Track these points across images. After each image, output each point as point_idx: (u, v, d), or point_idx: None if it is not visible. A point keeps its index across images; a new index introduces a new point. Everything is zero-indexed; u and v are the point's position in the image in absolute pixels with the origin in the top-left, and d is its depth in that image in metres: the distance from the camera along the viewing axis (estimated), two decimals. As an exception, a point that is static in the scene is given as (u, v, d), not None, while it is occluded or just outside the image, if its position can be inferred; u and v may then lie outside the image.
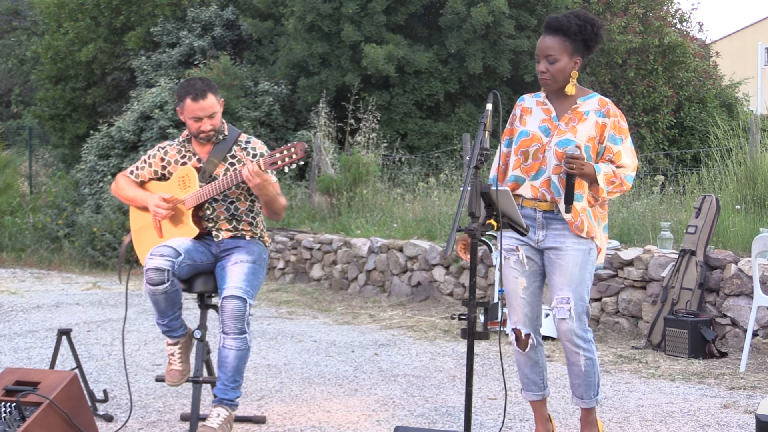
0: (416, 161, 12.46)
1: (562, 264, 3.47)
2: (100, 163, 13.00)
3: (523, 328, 3.55)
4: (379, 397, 4.72)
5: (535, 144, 3.49)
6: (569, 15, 3.46)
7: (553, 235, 3.50)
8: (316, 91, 13.03)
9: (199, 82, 3.97)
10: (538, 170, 3.49)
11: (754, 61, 31.12)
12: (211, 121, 3.97)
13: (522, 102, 3.65)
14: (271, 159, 3.81)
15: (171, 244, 3.85)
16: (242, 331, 3.79)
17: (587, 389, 3.54)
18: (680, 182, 9.36)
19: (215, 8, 14.88)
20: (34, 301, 8.62)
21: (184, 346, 4.04)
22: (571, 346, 3.48)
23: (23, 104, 20.67)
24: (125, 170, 4.26)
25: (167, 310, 3.91)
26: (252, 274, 3.90)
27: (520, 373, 3.67)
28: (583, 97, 3.54)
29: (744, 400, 4.64)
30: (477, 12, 12.52)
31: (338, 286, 9.40)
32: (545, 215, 3.50)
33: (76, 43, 15.79)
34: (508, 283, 3.58)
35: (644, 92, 14.34)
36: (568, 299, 3.45)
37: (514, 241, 3.54)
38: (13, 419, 3.45)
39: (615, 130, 3.50)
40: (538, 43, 3.50)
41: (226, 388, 3.84)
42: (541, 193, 3.49)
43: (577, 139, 3.44)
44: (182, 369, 4.01)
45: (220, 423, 3.77)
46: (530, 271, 3.55)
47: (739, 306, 5.87)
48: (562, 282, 3.47)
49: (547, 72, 3.46)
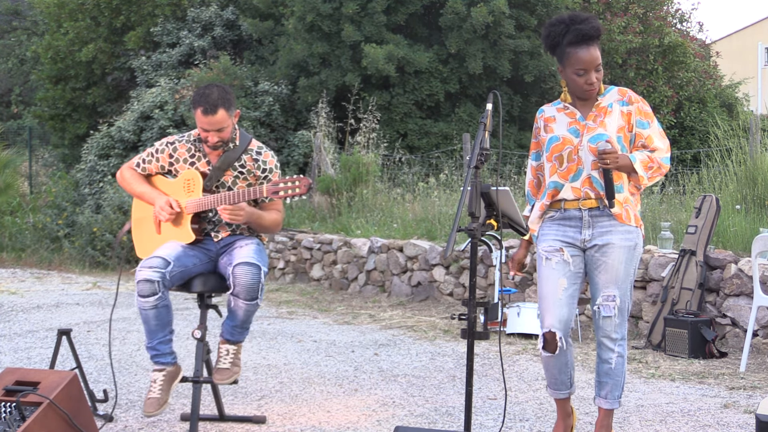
0: (416, 161, 12.46)
1: (608, 262, 3.47)
2: (100, 163, 13.01)
3: (558, 331, 3.49)
4: (379, 397, 4.72)
5: (568, 146, 3.49)
6: (592, 20, 3.46)
7: (599, 233, 3.50)
8: (316, 91, 13.03)
9: (214, 94, 3.87)
10: (576, 171, 3.50)
11: (754, 61, 31.11)
12: (219, 134, 3.92)
13: (542, 113, 3.64)
14: (275, 188, 3.80)
15: (161, 254, 3.81)
16: (253, 297, 3.79)
17: (613, 388, 3.54)
18: (680, 182, 9.36)
19: (215, 8, 14.88)
20: (34, 301, 8.62)
21: (169, 375, 3.88)
22: (608, 342, 3.51)
23: (23, 104, 20.68)
24: (131, 162, 4.20)
25: (157, 331, 3.82)
26: (258, 252, 3.90)
27: (547, 374, 3.62)
28: (602, 93, 3.56)
29: (744, 400, 4.64)
30: (477, 12, 12.52)
31: (338, 286, 9.40)
32: (591, 213, 3.50)
33: (76, 43, 15.80)
34: (547, 284, 3.51)
35: (644, 92, 14.33)
36: (614, 297, 3.47)
37: (558, 242, 3.52)
38: (13, 419, 3.45)
39: (641, 115, 3.53)
40: (581, 55, 3.41)
41: (234, 331, 3.91)
42: (584, 192, 3.49)
43: (608, 132, 3.46)
44: (160, 398, 3.82)
45: (231, 360, 3.84)
46: (573, 272, 3.52)
47: (739, 306, 5.87)
48: (607, 279, 3.48)
49: (597, 81, 3.46)
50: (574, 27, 3.42)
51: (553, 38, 3.47)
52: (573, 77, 3.46)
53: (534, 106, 14.15)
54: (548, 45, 3.52)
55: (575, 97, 3.54)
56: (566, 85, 3.53)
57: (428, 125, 13.46)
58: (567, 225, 3.53)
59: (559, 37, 3.45)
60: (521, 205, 8.86)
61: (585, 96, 3.50)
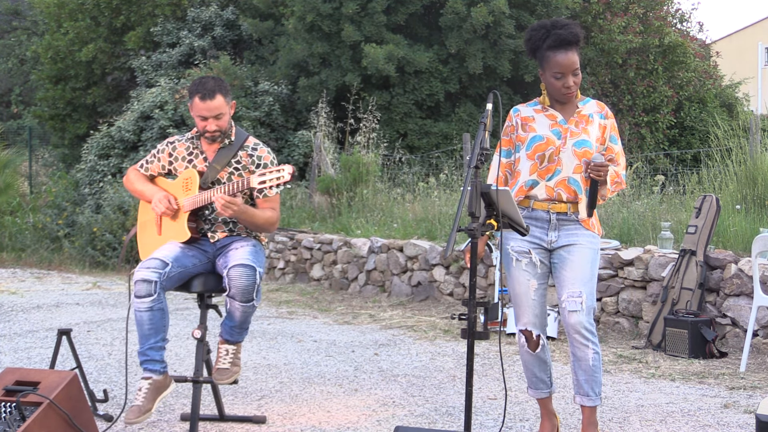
0: (416, 161, 12.46)
1: (574, 260, 3.57)
2: (100, 163, 13.01)
3: (534, 329, 3.63)
4: (379, 397, 4.72)
5: (551, 147, 3.59)
6: (572, 26, 3.55)
7: (565, 235, 3.61)
8: (316, 91, 13.03)
9: (210, 82, 3.95)
10: (554, 172, 3.60)
11: (754, 61, 31.11)
12: (217, 122, 3.96)
13: (518, 113, 3.70)
14: (261, 178, 3.79)
15: (158, 256, 3.83)
16: (249, 299, 3.80)
17: (593, 385, 3.57)
18: (680, 182, 9.36)
19: (215, 8, 14.88)
20: (34, 301, 8.62)
21: (155, 384, 3.80)
22: (580, 338, 3.53)
23: (23, 104, 20.67)
24: (136, 164, 4.27)
25: (150, 335, 3.78)
26: (255, 254, 3.90)
27: (527, 373, 3.72)
28: (582, 101, 3.69)
29: (744, 400, 4.64)
30: (477, 12, 12.52)
31: (338, 286, 9.40)
32: (558, 216, 3.61)
33: (76, 43, 15.80)
34: (518, 285, 3.63)
35: (644, 92, 14.33)
36: (580, 293, 3.52)
37: (526, 243, 3.62)
38: (13, 419, 3.45)
39: (614, 131, 3.71)
40: (559, 59, 3.51)
41: (233, 331, 3.93)
42: (557, 193, 3.60)
43: (591, 140, 3.59)
44: (142, 406, 3.73)
45: (231, 360, 3.86)
46: (541, 273, 3.64)
47: (739, 306, 5.87)
48: (573, 277, 3.55)
49: (574, 85, 3.57)
50: (554, 32, 3.52)
51: (533, 42, 3.59)
52: (551, 80, 3.57)
53: (534, 106, 14.14)
54: (529, 48, 3.63)
55: (554, 100, 3.65)
56: (545, 87, 3.64)
57: (428, 125, 13.46)
58: (534, 225, 3.62)
59: (539, 41, 3.56)
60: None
61: (563, 99, 3.61)
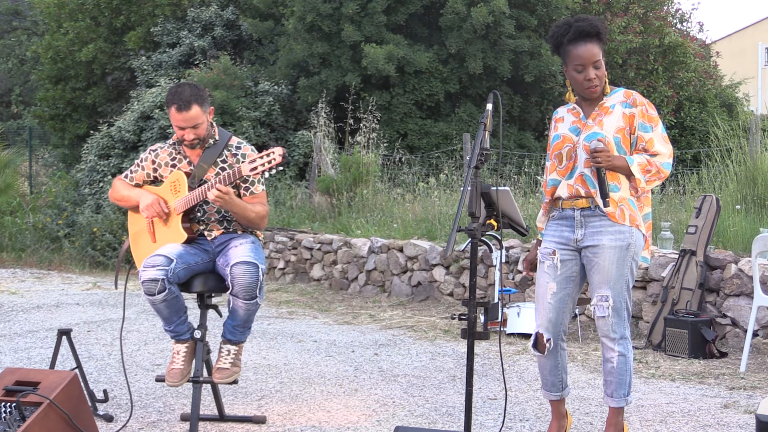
0: (416, 161, 12.45)
1: (599, 262, 3.52)
2: (101, 163, 13.00)
3: (545, 333, 3.60)
4: (379, 397, 4.72)
5: (567, 145, 3.57)
6: (592, 19, 3.54)
7: (591, 233, 3.53)
8: (316, 91, 13.03)
9: (186, 91, 3.93)
10: (572, 169, 3.56)
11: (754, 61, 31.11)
12: (195, 131, 3.97)
13: (556, 114, 3.73)
14: (252, 164, 3.80)
15: (162, 253, 3.85)
16: (252, 296, 3.81)
17: (618, 387, 3.57)
18: (680, 182, 9.36)
19: (215, 8, 14.88)
20: (34, 301, 8.62)
21: (191, 347, 4.00)
22: (607, 341, 3.54)
23: (23, 104, 20.68)
24: (120, 174, 4.29)
25: (172, 317, 3.90)
26: (255, 250, 3.91)
27: (540, 374, 3.74)
28: (609, 93, 3.60)
29: (744, 400, 4.64)
30: (477, 12, 12.52)
31: (338, 286, 9.40)
32: (583, 213, 3.55)
33: (76, 43, 15.80)
34: (539, 286, 3.63)
35: (644, 92, 14.33)
36: (607, 297, 3.50)
37: (552, 244, 3.60)
38: (13, 419, 3.45)
39: (644, 118, 3.54)
40: (579, 52, 3.48)
41: (235, 331, 3.94)
42: (576, 189, 3.55)
43: (604, 131, 3.49)
44: (183, 369, 3.96)
45: (232, 360, 3.87)
46: (563, 276, 3.59)
47: (739, 306, 5.87)
48: (600, 280, 3.52)
49: (596, 78, 3.50)
50: (575, 25, 3.51)
51: (556, 38, 3.57)
52: (573, 74, 3.53)
53: (534, 106, 14.16)
54: (553, 45, 3.61)
55: (580, 96, 3.61)
56: (570, 84, 3.60)
57: (428, 125, 13.46)
58: (563, 225, 3.60)
59: (561, 36, 3.54)
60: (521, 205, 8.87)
61: (586, 94, 3.55)
